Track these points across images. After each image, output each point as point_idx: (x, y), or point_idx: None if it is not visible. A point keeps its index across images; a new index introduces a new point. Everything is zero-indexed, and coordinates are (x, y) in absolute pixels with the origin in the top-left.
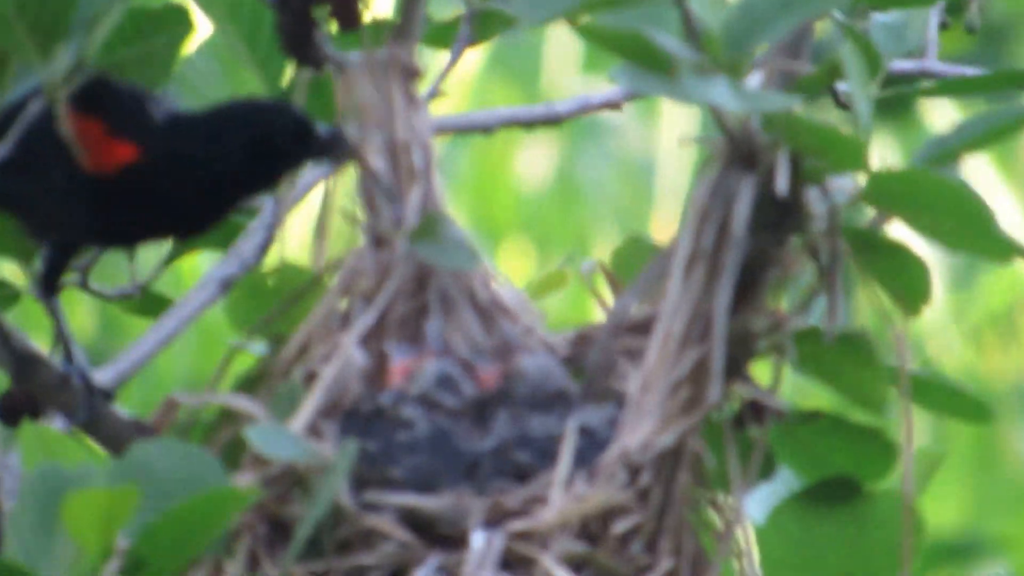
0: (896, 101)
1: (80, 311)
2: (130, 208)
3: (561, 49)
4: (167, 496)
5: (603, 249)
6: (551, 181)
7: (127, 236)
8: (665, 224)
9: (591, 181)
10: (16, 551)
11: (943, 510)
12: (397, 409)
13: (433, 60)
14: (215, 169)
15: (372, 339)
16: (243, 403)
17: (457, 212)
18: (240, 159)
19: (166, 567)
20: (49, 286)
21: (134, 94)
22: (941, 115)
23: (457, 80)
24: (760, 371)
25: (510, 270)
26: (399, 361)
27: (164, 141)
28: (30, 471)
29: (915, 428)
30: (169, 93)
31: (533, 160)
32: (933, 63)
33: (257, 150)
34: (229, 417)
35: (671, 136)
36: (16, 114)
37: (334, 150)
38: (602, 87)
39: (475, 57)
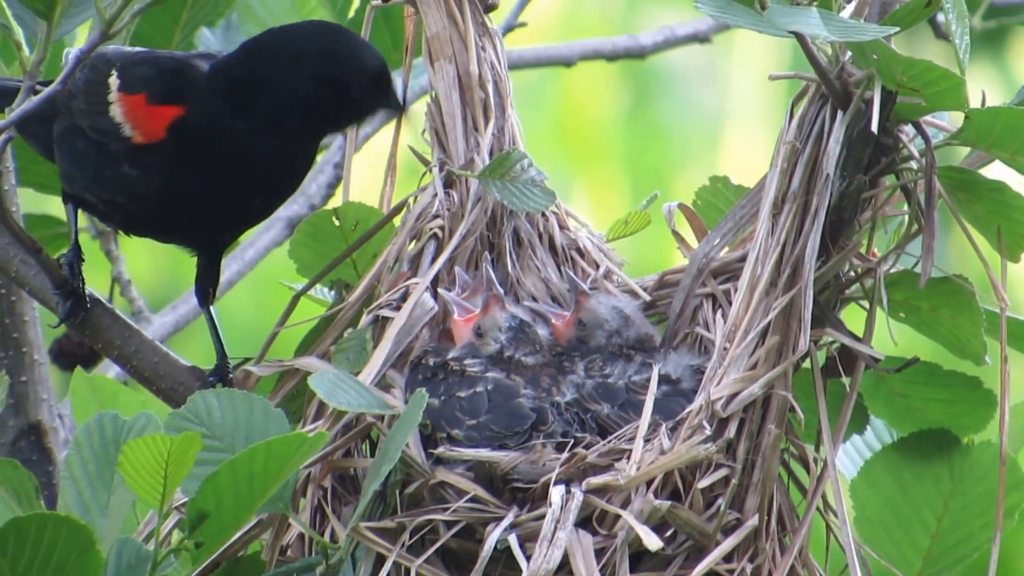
0: (999, 34)
1: (140, 253)
2: (193, 169)
3: None
4: (228, 448)
5: (683, 188)
6: (627, 117)
7: (208, 211)
8: (742, 166)
9: (669, 118)
10: (71, 503)
11: None
12: (463, 363)
13: None
14: (268, 103)
15: (443, 284)
16: (320, 366)
17: (538, 148)
18: (301, 97)
19: (228, 520)
20: (204, 295)
21: (177, 58)
22: None
23: (540, 11)
24: (852, 318)
25: (592, 207)
26: (464, 312)
27: (207, 90)
28: (84, 420)
29: (1014, 378)
30: (232, 21)
31: (613, 94)
32: None
33: (323, 90)
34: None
35: (752, 74)
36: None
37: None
38: (687, 20)
39: None
